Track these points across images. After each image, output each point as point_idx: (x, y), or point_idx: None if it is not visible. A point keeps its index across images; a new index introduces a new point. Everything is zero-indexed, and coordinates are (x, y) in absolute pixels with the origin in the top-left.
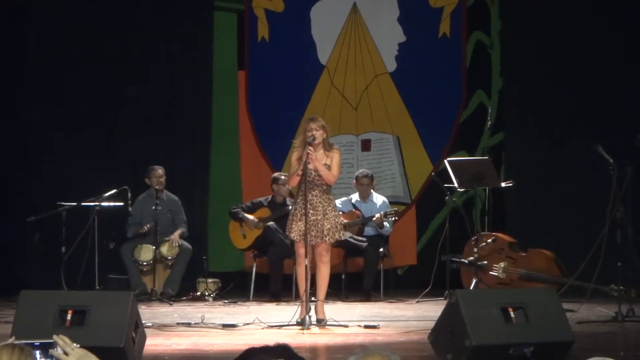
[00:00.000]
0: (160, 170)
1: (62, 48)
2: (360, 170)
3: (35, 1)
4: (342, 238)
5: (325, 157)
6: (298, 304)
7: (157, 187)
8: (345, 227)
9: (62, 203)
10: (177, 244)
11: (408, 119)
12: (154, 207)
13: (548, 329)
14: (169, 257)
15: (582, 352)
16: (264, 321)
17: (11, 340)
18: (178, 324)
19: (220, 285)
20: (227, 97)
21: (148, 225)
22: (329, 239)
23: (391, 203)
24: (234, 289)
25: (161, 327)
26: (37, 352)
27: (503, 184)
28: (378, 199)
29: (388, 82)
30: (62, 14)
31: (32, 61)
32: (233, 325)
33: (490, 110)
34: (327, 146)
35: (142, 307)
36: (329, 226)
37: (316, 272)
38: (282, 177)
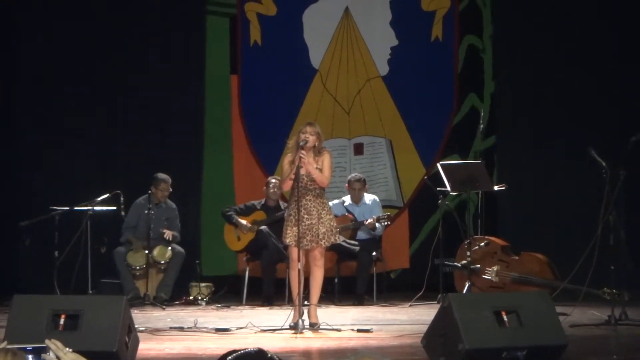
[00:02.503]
0: (168, 183)
1: (54, 54)
2: (353, 175)
3: (28, 6)
4: (338, 241)
5: (316, 162)
6: (291, 308)
7: (160, 199)
8: (339, 231)
9: (55, 207)
10: (169, 238)
11: (400, 122)
12: (146, 212)
13: (541, 333)
14: (162, 262)
15: (575, 355)
16: (257, 325)
17: (4, 344)
18: (171, 328)
19: (213, 289)
20: (219, 101)
21: (141, 246)
22: (324, 243)
23: (384, 207)
24: (227, 293)
25: (154, 331)
26: (30, 357)
27: (496, 188)
28: (369, 198)
29: (380, 86)
30: (55, 19)
31: (24, 66)
32: (226, 330)
33: (482, 114)
34: (317, 152)
35: (135, 311)
36: (324, 230)
37: (310, 276)
38: (273, 181)
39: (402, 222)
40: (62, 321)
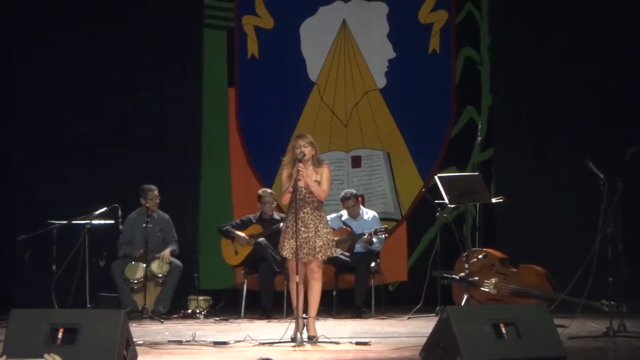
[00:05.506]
0: (156, 191)
1: (51, 65)
2: (343, 193)
3: (24, 17)
4: (334, 255)
5: (315, 173)
6: (289, 320)
7: (152, 208)
8: (336, 244)
9: (53, 221)
10: (167, 260)
11: (398, 135)
12: (144, 225)
13: (539, 345)
14: (160, 275)
15: None
16: (255, 338)
17: (2, 359)
18: (169, 341)
19: (211, 302)
20: (217, 114)
21: (141, 251)
22: (321, 256)
23: (382, 219)
24: (225, 306)
25: (152, 345)
26: None
27: (493, 200)
28: (369, 214)
29: (378, 99)
30: (52, 30)
31: (21, 78)
32: (224, 343)
33: (480, 126)
34: (317, 162)
35: (133, 325)
36: (321, 243)
37: (308, 289)
38: (266, 194)
39: (400, 235)
40: (60, 335)
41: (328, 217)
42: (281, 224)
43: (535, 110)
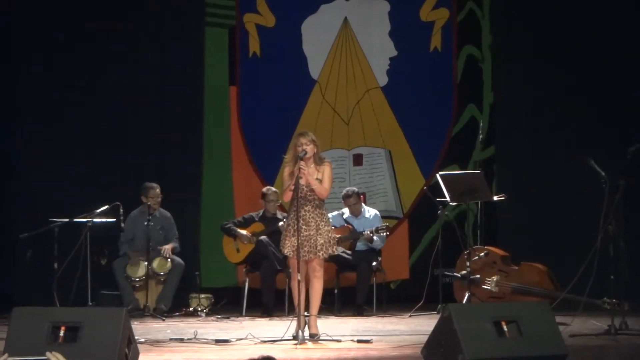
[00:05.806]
0: (157, 190)
1: (51, 65)
2: (345, 191)
3: (24, 17)
4: (336, 253)
5: (317, 171)
6: (290, 318)
7: (154, 206)
8: (337, 242)
9: (55, 219)
10: (168, 255)
11: (400, 133)
12: (146, 223)
13: (541, 343)
14: (161, 273)
15: None
16: (257, 336)
17: (4, 357)
18: (171, 339)
19: (212, 300)
20: (218, 112)
21: (142, 257)
22: (322, 254)
23: (383, 217)
24: (227, 304)
25: (154, 343)
26: None
27: (495, 198)
28: (370, 212)
29: (379, 97)
30: (52, 30)
31: (21, 78)
32: (226, 341)
33: (481, 124)
34: (318, 160)
35: (135, 323)
36: (322, 241)
37: (309, 286)
38: (270, 193)
39: (402, 233)
40: (62, 333)
41: (329, 215)
42: (280, 223)
43: (537, 108)
